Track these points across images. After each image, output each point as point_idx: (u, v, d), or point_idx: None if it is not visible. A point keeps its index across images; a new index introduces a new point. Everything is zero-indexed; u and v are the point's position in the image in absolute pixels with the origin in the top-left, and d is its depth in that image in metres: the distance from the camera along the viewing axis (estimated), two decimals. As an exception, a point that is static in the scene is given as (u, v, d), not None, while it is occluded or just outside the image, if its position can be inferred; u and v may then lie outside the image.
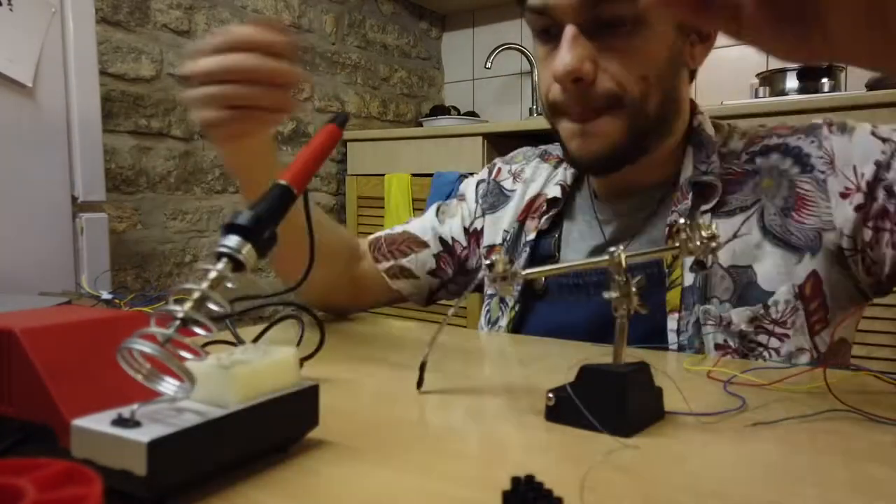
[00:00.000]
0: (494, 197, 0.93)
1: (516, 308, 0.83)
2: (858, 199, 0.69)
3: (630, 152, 0.73)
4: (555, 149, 0.94)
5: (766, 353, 0.70)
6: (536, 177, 0.91)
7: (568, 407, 0.44)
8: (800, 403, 0.50)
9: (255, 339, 0.62)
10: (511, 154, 0.98)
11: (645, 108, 0.71)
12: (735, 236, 0.73)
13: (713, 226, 0.46)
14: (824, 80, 1.91)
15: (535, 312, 0.83)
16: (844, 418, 0.46)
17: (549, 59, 0.72)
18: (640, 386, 0.45)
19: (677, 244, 0.46)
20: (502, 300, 0.86)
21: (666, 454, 0.39)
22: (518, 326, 0.83)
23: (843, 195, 0.70)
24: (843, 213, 0.70)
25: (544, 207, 0.86)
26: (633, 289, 0.44)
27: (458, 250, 0.93)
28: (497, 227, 0.91)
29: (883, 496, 0.34)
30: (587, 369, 0.44)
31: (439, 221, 0.95)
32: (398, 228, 0.95)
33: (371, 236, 0.95)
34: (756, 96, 1.99)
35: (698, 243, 0.45)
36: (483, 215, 0.93)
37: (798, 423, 0.45)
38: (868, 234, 0.68)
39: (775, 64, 2.14)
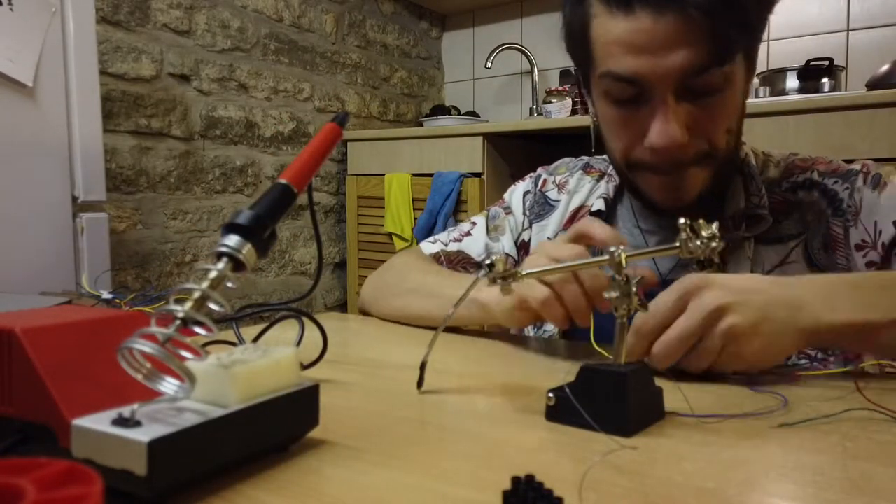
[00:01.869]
0: (540, 206, 0.95)
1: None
2: (873, 257, 0.72)
3: (711, 193, 0.75)
4: (597, 162, 0.95)
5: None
6: (580, 188, 0.93)
7: (568, 407, 0.44)
8: (799, 404, 0.50)
9: (255, 339, 0.62)
10: (554, 164, 0.99)
11: (729, 156, 0.73)
12: (784, 262, 0.75)
13: (713, 226, 0.46)
14: (824, 80, 1.90)
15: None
16: (844, 419, 0.46)
17: (629, 123, 0.71)
18: (640, 386, 0.45)
19: (678, 244, 0.46)
20: None
21: (666, 454, 0.39)
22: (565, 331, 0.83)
23: (859, 247, 0.73)
24: (860, 265, 0.72)
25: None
26: (633, 289, 0.44)
27: (510, 266, 0.92)
28: (542, 236, 0.92)
29: (883, 496, 0.34)
30: (587, 369, 0.44)
31: (492, 239, 0.96)
32: (453, 245, 0.96)
33: (429, 249, 0.96)
34: (756, 96, 1.99)
35: (699, 243, 0.45)
36: (530, 225, 0.95)
37: (798, 424, 0.45)
38: None
39: (775, 64, 2.14)
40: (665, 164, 0.71)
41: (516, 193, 0.99)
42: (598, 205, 0.86)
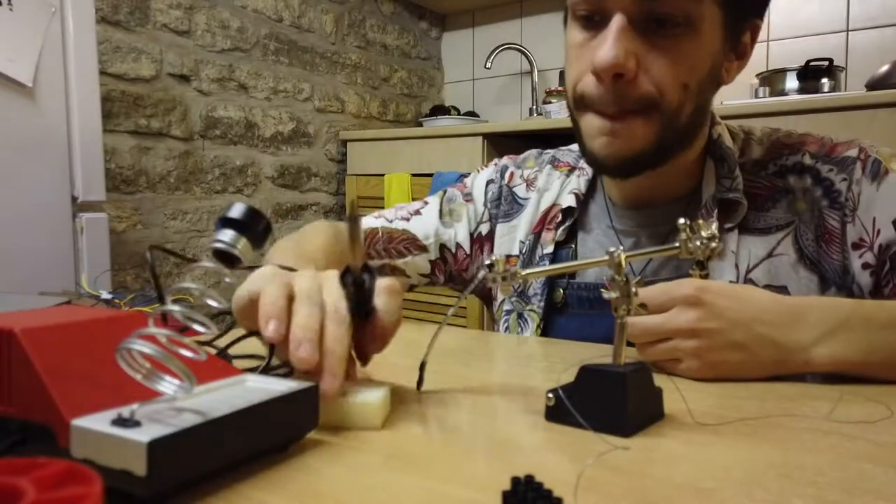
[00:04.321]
0: (508, 205, 0.90)
1: (540, 325, 0.81)
2: (868, 258, 0.69)
3: (652, 159, 0.70)
4: (564, 155, 0.91)
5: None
6: (550, 185, 0.88)
7: (567, 407, 0.44)
8: (799, 404, 0.50)
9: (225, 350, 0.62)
10: (521, 157, 0.94)
11: (678, 117, 0.68)
12: (771, 255, 0.72)
13: (713, 226, 0.46)
14: (824, 80, 1.90)
15: (556, 328, 0.81)
16: (844, 419, 0.46)
17: (586, 47, 0.68)
18: (640, 386, 0.45)
19: (677, 244, 0.46)
20: (520, 315, 0.84)
21: (666, 454, 0.39)
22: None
23: (856, 246, 0.70)
24: (856, 265, 0.70)
25: (559, 218, 0.83)
26: (633, 289, 0.44)
27: (461, 257, 0.90)
28: (513, 237, 0.88)
29: (883, 496, 0.34)
30: (586, 369, 0.44)
31: (443, 225, 0.90)
32: (399, 223, 0.90)
33: (369, 223, 0.90)
34: (756, 96, 1.99)
35: (698, 243, 0.45)
36: (494, 220, 0.90)
37: (798, 424, 0.45)
38: (885, 292, 0.69)
39: (775, 64, 2.14)
40: (606, 98, 0.66)
41: (479, 181, 0.93)
42: (569, 201, 0.82)
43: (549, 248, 0.82)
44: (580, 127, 0.72)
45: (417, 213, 0.92)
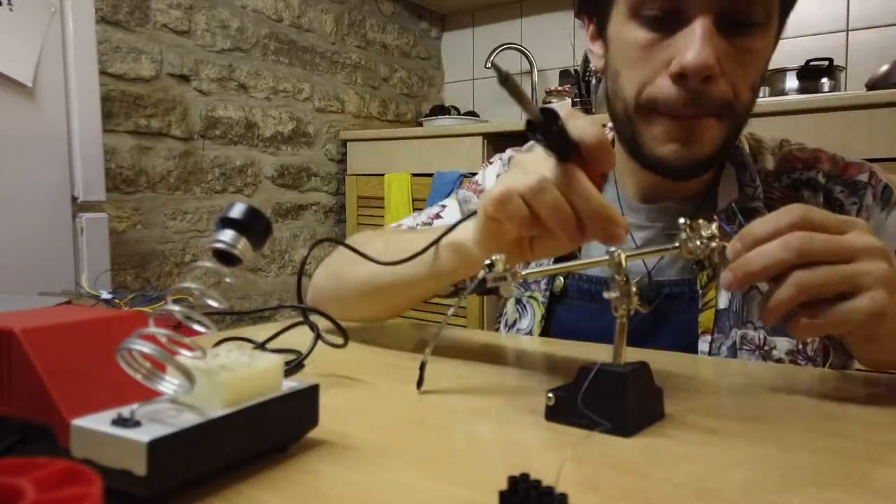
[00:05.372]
0: None
1: (542, 315, 0.80)
2: None
3: (716, 160, 0.69)
4: None
5: None
6: None
7: (567, 406, 0.44)
8: (799, 404, 0.50)
9: (263, 344, 0.62)
10: (527, 146, 0.91)
11: (745, 118, 0.67)
12: None
13: (713, 226, 0.46)
14: (824, 80, 1.91)
15: (556, 318, 0.80)
16: (844, 419, 0.46)
17: (654, 49, 0.65)
18: (640, 385, 0.45)
19: (677, 244, 0.46)
20: (518, 301, 0.83)
21: (666, 454, 0.39)
22: (542, 331, 0.81)
23: None
24: None
25: None
26: (633, 289, 0.44)
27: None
28: None
29: (883, 496, 0.34)
30: (586, 369, 0.44)
31: None
32: (422, 228, 0.87)
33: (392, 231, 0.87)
34: (756, 96, 1.99)
35: (698, 243, 0.45)
36: None
37: (798, 424, 0.45)
38: None
39: (775, 64, 2.14)
40: (687, 101, 0.64)
41: (489, 177, 0.91)
42: None
43: None
44: (641, 132, 0.69)
45: (438, 216, 0.90)
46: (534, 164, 0.48)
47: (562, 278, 0.79)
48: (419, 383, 0.53)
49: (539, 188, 0.46)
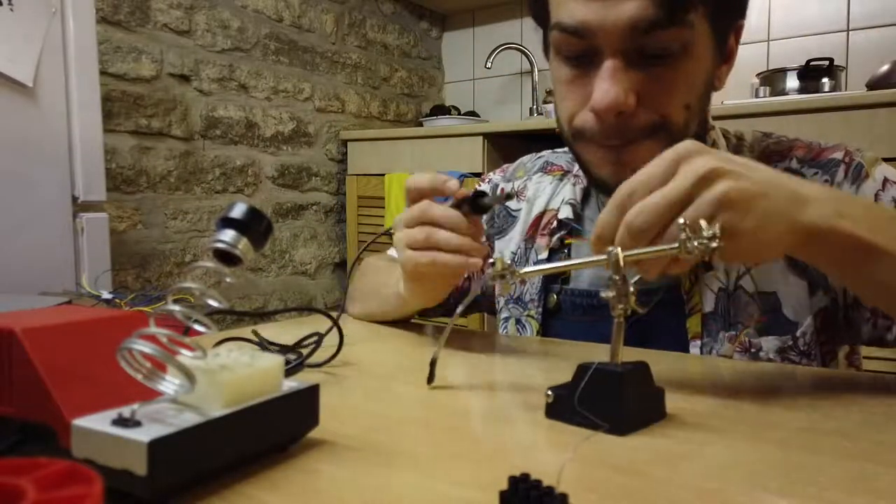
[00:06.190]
0: (502, 220, 0.89)
1: (539, 331, 0.81)
2: None
3: None
4: (557, 158, 0.90)
5: None
6: (540, 192, 0.87)
7: (567, 404, 0.44)
8: (799, 404, 0.50)
9: (287, 348, 0.62)
10: (511, 169, 0.94)
11: (685, 135, 0.66)
12: (762, 261, 0.70)
13: (715, 226, 0.46)
14: (825, 79, 1.90)
15: (554, 333, 0.80)
16: (844, 418, 0.46)
17: (576, 84, 0.67)
18: (639, 385, 0.45)
19: (676, 244, 0.46)
20: (518, 321, 0.84)
21: (666, 454, 0.39)
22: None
23: None
24: None
25: (554, 224, 0.82)
26: (631, 288, 0.44)
27: (463, 283, 0.89)
28: (507, 251, 0.87)
29: (883, 496, 0.34)
30: (584, 368, 0.44)
31: None
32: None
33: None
34: (756, 96, 1.99)
35: (696, 243, 0.45)
36: (491, 240, 0.90)
37: (798, 424, 0.45)
38: (850, 297, 0.69)
39: (775, 64, 2.14)
40: (609, 133, 0.66)
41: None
42: (566, 212, 0.82)
43: (544, 255, 0.82)
44: (581, 156, 0.71)
45: None
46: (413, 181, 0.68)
47: (555, 295, 0.80)
48: (430, 378, 0.53)
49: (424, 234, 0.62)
